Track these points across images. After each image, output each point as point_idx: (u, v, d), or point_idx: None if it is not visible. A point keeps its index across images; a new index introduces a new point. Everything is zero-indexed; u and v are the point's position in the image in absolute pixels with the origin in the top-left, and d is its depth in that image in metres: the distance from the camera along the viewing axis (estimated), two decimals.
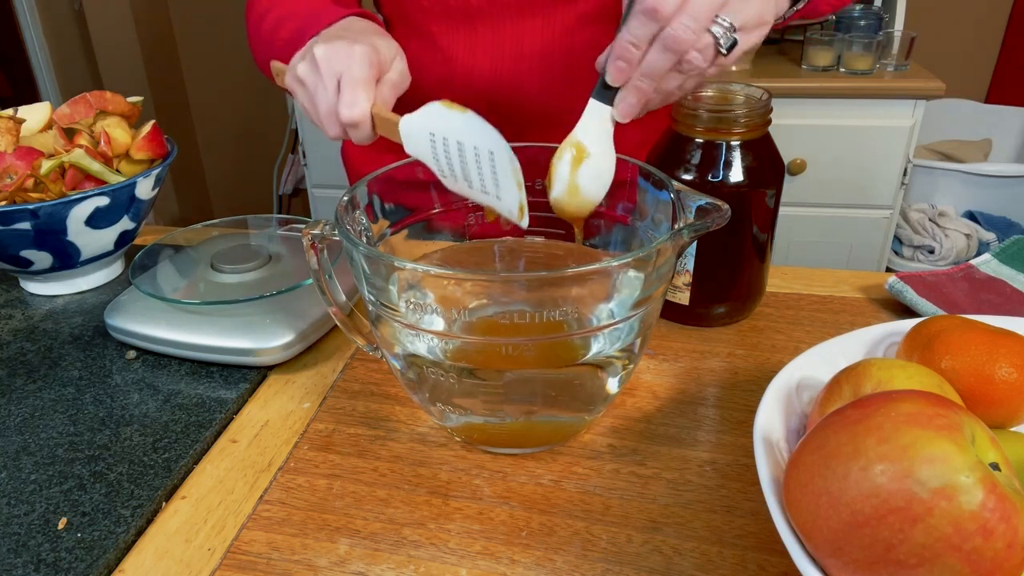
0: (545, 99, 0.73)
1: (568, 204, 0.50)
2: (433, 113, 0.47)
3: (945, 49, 2.01)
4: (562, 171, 0.50)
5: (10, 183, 0.62)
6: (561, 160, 0.50)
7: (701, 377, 0.55)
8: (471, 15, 0.71)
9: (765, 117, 0.56)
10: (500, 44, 0.71)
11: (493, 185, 0.47)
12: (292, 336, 0.57)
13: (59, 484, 0.47)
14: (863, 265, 1.73)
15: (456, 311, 0.41)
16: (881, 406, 0.31)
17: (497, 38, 0.71)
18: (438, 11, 0.72)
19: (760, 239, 0.59)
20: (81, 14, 2.22)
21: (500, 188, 0.47)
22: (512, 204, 0.47)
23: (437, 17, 0.72)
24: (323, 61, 0.53)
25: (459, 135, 0.46)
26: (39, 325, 0.65)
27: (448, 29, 0.72)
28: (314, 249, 0.47)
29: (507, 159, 0.45)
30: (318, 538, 0.43)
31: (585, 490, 0.45)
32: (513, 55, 0.71)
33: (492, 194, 0.47)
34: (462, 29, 0.72)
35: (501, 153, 0.45)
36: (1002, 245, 0.69)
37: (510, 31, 0.70)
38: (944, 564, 0.28)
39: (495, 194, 0.47)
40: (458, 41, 0.72)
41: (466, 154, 0.46)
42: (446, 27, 0.72)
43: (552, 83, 0.73)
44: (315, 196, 1.93)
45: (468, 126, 0.45)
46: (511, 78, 0.72)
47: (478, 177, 0.47)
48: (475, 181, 0.48)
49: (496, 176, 0.46)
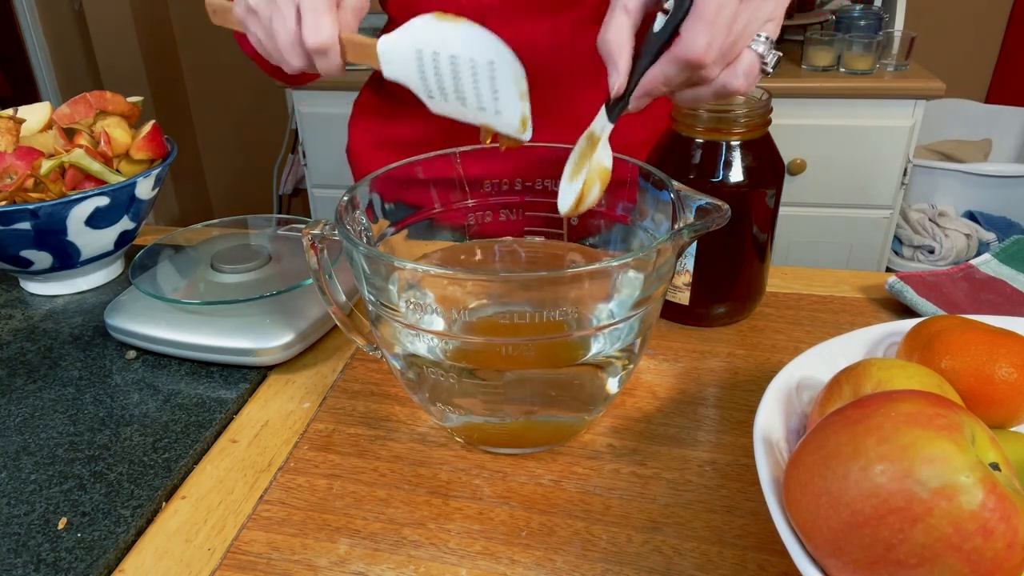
0: (551, 99, 0.73)
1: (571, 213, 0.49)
2: (420, 27, 0.44)
3: (945, 49, 2.01)
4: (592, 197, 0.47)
5: (10, 183, 0.62)
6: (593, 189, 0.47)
7: (701, 377, 0.55)
8: (482, 14, 0.70)
9: (765, 117, 0.56)
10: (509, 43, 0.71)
11: (491, 100, 0.44)
12: (292, 336, 0.57)
13: (59, 484, 0.47)
14: (863, 265, 1.73)
15: (456, 311, 0.41)
16: (881, 406, 0.31)
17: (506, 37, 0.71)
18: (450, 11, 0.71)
19: (760, 239, 0.59)
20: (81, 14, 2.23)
21: (500, 101, 0.44)
22: (514, 117, 0.44)
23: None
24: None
25: (452, 48, 0.43)
26: (39, 325, 0.65)
27: None
28: (314, 249, 0.47)
29: (509, 66, 0.42)
30: (318, 538, 0.43)
31: (585, 490, 0.45)
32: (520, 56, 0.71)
33: (490, 110, 0.44)
34: None
35: (503, 61, 0.42)
36: (1002, 245, 0.69)
37: (519, 30, 0.70)
38: (944, 564, 0.28)
39: (493, 109, 0.44)
40: None
41: (460, 68, 0.43)
42: None
43: (559, 83, 0.73)
44: (315, 196, 1.93)
45: (465, 36, 0.42)
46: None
47: (474, 93, 0.44)
48: (470, 98, 0.45)
49: (496, 89, 0.43)
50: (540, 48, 0.71)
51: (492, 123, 0.45)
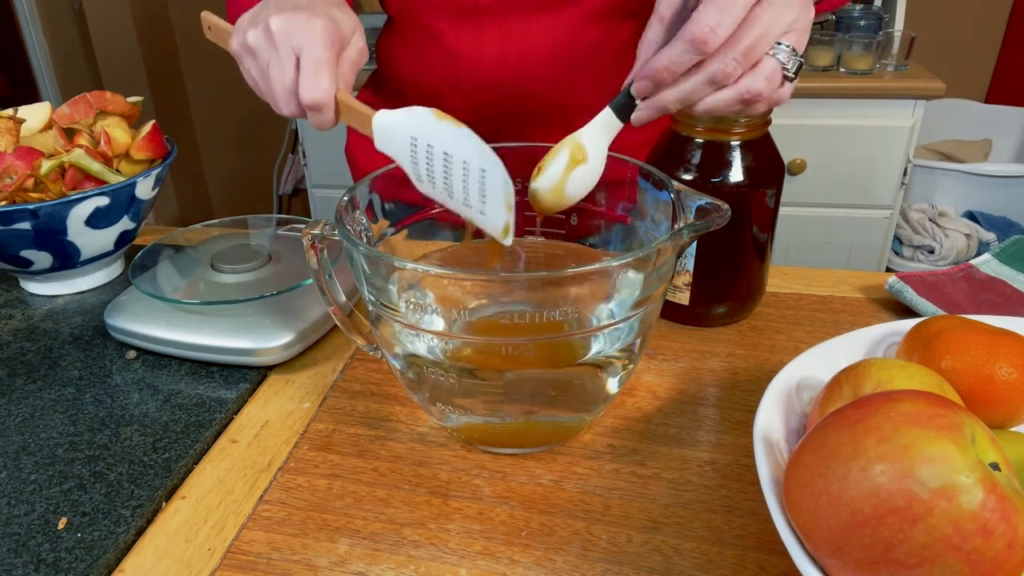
0: (550, 98, 0.73)
1: (547, 199, 0.49)
2: (419, 118, 0.45)
3: (945, 49, 2.01)
4: (556, 168, 0.48)
5: (10, 183, 0.62)
6: (557, 157, 0.49)
7: (701, 377, 0.55)
8: (480, 13, 0.70)
9: (765, 117, 0.56)
10: (507, 42, 0.71)
11: (479, 201, 0.45)
12: (292, 336, 0.57)
13: (59, 484, 0.47)
14: (863, 265, 1.73)
15: (456, 311, 0.41)
16: (881, 406, 0.31)
17: (504, 36, 0.71)
18: (448, 10, 0.71)
19: (760, 239, 0.59)
20: (81, 14, 2.22)
21: (487, 205, 0.45)
22: (497, 222, 0.45)
23: (446, 16, 0.72)
24: (280, 34, 0.49)
25: (447, 147, 0.44)
26: (39, 325, 0.65)
27: (456, 28, 0.72)
28: (314, 249, 0.47)
29: (500, 178, 0.43)
30: (318, 538, 0.43)
31: (585, 490, 0.45)
32: (520, 54, 0.71)
33: (475, 208, 0.45)
34: (469, 27, 0.71)
35: (495, 172, 0.43)
36: (1002, 245, 0.69)
37: (517, 29, 0.70)
38: (944, 564, 0.28)
39: (479, 209, 0.45)
40: (465, 40, 0.72)
41: (452, 166, 0.44)
42: (454, 26, 0.72)
43: (557, 82, 0.73)
44: (315, 196, 1.93)
45: (461, 141, 0.43)
46: (517, 77, 0.72)
47: (462, 190, 0.45)
48: (457, 192, 0.45)
49: (484, 193, 0.44)
50: (539, 46, 0.71)
51: (476, 220, 0.46)
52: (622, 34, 0.73)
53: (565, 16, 0.70)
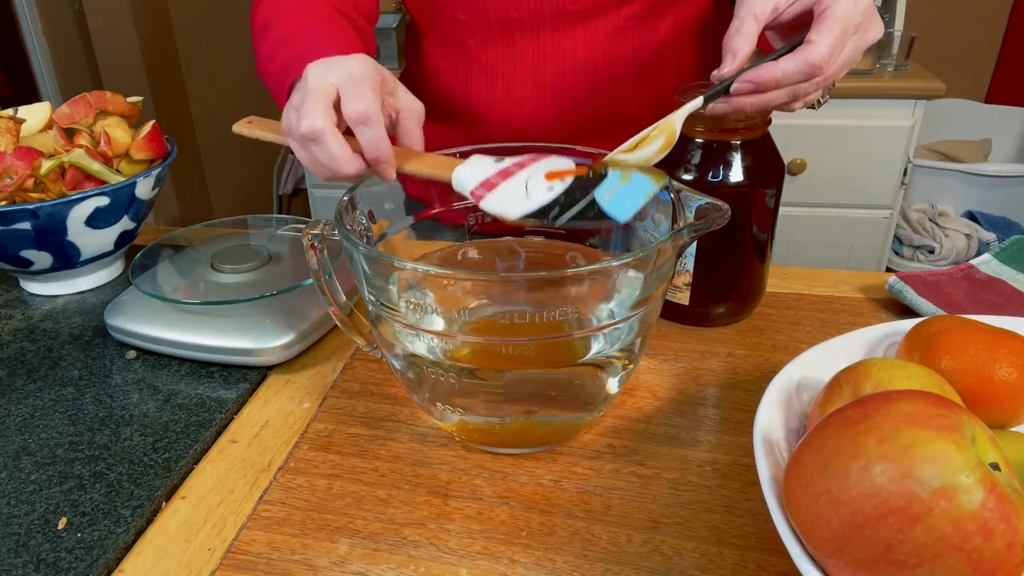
0: (591, 108, 0.71)
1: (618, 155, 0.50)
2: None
3: (945, 49, 2.01)
4: (650, 149, 0.49)
5: (10, 183, 0.62)
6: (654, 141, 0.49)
7: (701, 377, 0.55)
8: (510, 27, 0.68)
9: (765, 117, 0.56)
10: (541, 56, 0.69)
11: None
12: (292, 336, 0.57)
13: (59, 484, 0.47)
14: (863, 265, 1.73)
15: (456, 311, 0.41)
16: (881, 406, 0.31)
17: (538, 50, 0.69)
18: (476, 24, 0.69)
19: (760, 239, 0.59)
20: (81, 14, 2.22)
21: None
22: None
23: (474, 30, 0.70)
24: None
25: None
26: (39, 325, 0.65)
27: (486, 42, 0.70)
28: (314, 249, 0.47)
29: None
30: (318, 538, 0.43)
31: (585, 490, 0.45)
32: (555, 67, 0.69)
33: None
34: (500, 42, 0.69)
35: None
36: (1002, 245, 0.69)
37: (550, 43, 0.68)
38: (944, 564, 0.28)
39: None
40: (497, 55, 0.70)
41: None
42: (484, 40, 0.70)
43: (596, 92, 0.70)
44: (315, 196, 1.93)
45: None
46: (555, 90, 0.70)
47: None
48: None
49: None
50: (574, 59, 0.69)
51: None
52: (659, 34, 0.70)
53: (599, 27, 0.68)
